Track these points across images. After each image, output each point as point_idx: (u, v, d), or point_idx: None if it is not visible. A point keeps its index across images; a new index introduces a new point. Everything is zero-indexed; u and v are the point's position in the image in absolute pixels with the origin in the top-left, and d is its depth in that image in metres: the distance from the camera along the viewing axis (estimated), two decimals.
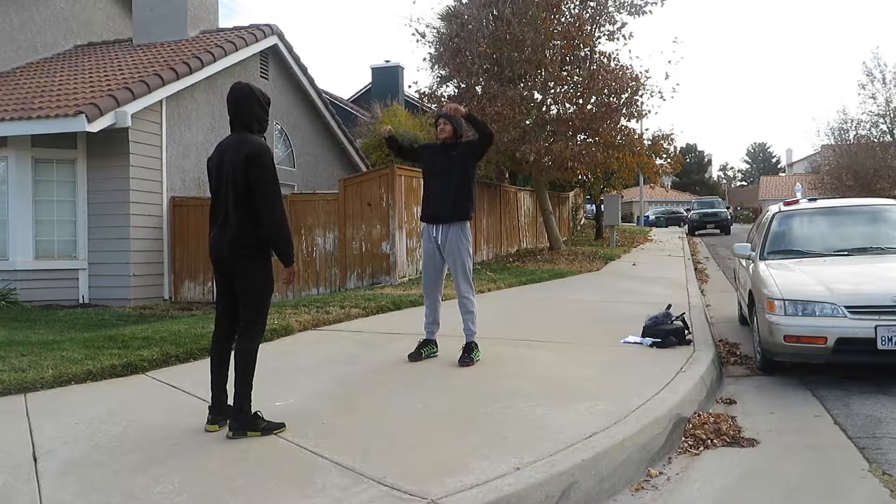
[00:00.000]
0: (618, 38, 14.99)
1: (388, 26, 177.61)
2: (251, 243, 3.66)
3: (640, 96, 14.44)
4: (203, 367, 5.32)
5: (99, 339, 6.00)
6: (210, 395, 3.80)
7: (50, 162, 10.65)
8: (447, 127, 5.32)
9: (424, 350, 5.35)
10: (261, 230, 3.63)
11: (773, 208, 7.12)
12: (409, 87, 23.49)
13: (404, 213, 10.66)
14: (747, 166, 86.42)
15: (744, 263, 6.98)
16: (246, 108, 3.73)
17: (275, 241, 3.68)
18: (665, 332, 5.85)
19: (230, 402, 3.73)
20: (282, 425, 3.66)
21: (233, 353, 3.74)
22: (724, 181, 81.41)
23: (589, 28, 14.37)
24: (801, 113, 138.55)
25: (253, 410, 3.63)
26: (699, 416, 4.26)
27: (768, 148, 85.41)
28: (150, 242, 11.01)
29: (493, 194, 15.23)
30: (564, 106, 14.51)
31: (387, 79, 26.52)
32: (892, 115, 31.41)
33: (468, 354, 5.16)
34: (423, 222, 5.41)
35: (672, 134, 16.09)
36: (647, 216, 43.77)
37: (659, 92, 15.10)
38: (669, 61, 28.26)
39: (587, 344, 5.98)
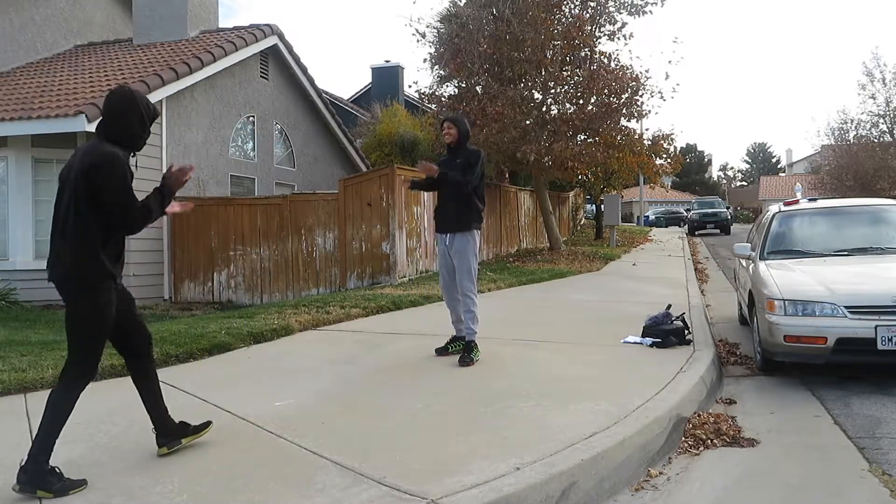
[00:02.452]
0: (618, 39, 15.02)
1: (388, 26, 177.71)
2: (79, 270, 3.06)
3: (641, 96, 14.45)
4: (203, 368, 5.35)
5: None
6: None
7: (50, 162, 10.65)
8: (452, 130, 5.39)
9: (452, 346, 5.51)
10: (90, 253, 3.05)
11: (773, 208, 7.11)
12: (409, 87, 23.54)
13: (404, 213, 10.66)
14: (747, 166, 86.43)
15: (744, 263, 6.98)
16: (111, 111, 3.24)
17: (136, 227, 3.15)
18: (665, 332, 5.85)
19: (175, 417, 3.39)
20: (83, 482, 3.02)
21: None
22: (724, 181, 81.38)
23: (589, 28, 14.37)
24: (801, 113, 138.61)
25: (51, 467, 3.00)
26: (699, 416, 4.25)
27: (768, 148, 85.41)
28: (150, 242, 11.01)
29: (493, 194, 15.22)
30: (564, 106, 14.52)
31: (387, 79, 26.52)
32: (892, 115, 31.39)
33: (468, 354, 5.17)
34: (436, 231, 5.62)
35: (672, 134, 16.09)
36: (647, 216, 43.77)
37: (659, 92, 15.13)
38: (669, 61, 28.36)
39: (587, 344, 5.98)
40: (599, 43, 14.82)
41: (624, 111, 14.38)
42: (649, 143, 15.77)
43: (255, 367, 5.22)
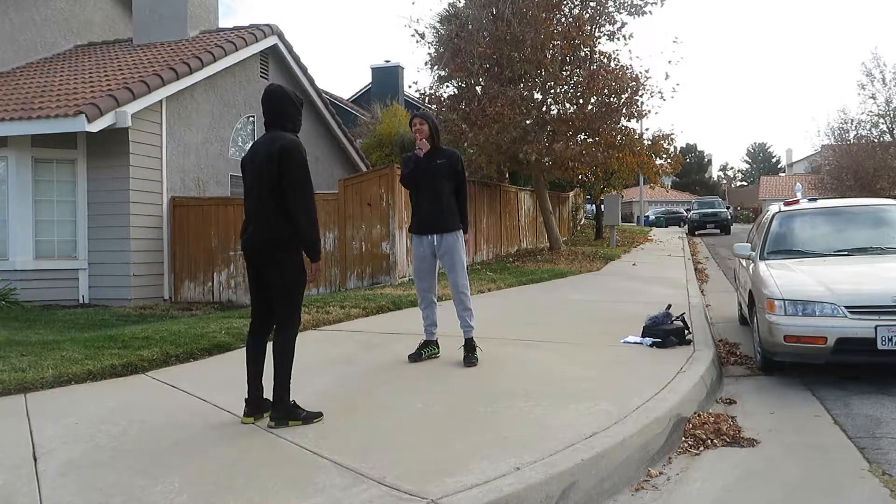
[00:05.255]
0: (618, 39, 15.00)
1: (388, 26, 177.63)
2: (279, 237, 3.74)
3: (640, 96, 14.44)
4: (203, 368, 5.35)
5: (99, 339, 6.00)
6: (247, 387, 3.90)
7: (50, 162, 10.65)
8: (424, 127, 5.17)
9: (425, 351, 5.34)
10: (289, 224, 3.74)
11: (774, 208, 7.11)
12: (409, 87, 23.55)
13: (404, 213, 10.66)
14: (747, 166, 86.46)
15: (744, 263, 6.98)
16: (278, 107, 3.86)
17: (302, 235, 3.76)
18: (665, 332, 5.85)
19: (266, 395, 3.87)
20: (319, 414, 3.82)
21: (270, 346, 3.85)
22: (724, 181, 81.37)
23: (589, 28, 14.36)
24: (801, 113, 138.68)
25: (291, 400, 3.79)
26: (699, 416, 4.25)
27: (768, 148, 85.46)
28: (150, 242, 11.01)
29: (493, 194, 15.23)
30: (564, 106, 14.51)
31: (387, 79, 26.54)
32: (892, 115, 31.39)
33: (472, 354, 5.16)
34: (415, 234, 5.30)
35: (672, 134, 16.07)
36: (647, 216, 43.79)
37: (659, 92, 15.10)
38: (669, 61, 28.33)
39: (587, 344, 5.98)
40: (599, 43, 14.83)
41: (624, 111, 14.37)
42: (649, 143, 15.77)
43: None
